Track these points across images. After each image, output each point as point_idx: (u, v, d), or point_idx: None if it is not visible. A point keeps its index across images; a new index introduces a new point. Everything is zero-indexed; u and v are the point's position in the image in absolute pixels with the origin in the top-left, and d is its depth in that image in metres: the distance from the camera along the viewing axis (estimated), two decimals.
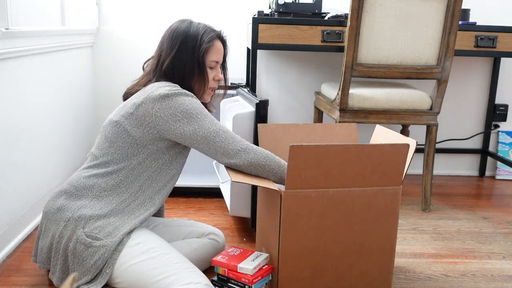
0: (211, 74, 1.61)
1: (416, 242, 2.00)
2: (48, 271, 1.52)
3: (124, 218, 1.46)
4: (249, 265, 1.43)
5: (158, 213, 1.84)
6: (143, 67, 1.67)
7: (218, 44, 1.61)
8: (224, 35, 1.65)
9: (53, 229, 1.45)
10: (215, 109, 1.76)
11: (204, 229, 1.72)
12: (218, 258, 1.48)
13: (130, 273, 1.40)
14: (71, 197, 1.47)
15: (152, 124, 1.47)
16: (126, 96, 1.62)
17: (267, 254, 1.50)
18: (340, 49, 2.29)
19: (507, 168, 2.91)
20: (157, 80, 1.57)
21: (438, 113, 2.24)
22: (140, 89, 1.57)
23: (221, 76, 1.65)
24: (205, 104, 1.70)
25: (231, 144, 1.49)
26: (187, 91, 1.51)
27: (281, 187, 1.44)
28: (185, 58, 1.56)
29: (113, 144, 1.50)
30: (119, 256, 1.40)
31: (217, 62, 1.62)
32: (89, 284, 1.39)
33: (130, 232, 1.45)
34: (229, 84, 1.77)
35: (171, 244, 1.63)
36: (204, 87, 1.60)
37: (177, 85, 1.54)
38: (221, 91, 2.15)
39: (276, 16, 2.37)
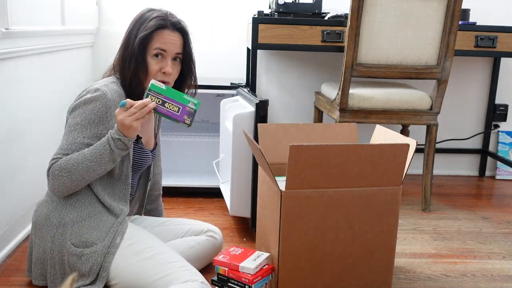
0: (155, 64, 1.47)
1: (416, 242, 2.00)
2: (42, 286, 1.51)
3: (103, 218, 1.45)
4: (251, 264, 1.43)
5: (157, 213, 1.84)
6: None
7: (167, 32, 1.47)
8: (182, 23, 1.51)
9: (43, 245, 1.45)
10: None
11: (202, 226, 1.72)
12: (219, 257, 1.48)
13: (127, 273, 1.40)
14: (50, 207, 1.46)
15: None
16: None
17: (268, 254, 1.50)
18: (340, 49, 2.29)
19: (507, 168, 2.91)
20: (113, 70, 1.54)
21: (438, 113, 2.24)
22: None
23: (169, 69, 1.48)
24: None
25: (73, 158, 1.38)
26: (98, 95, 1.41)
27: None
28: (129, 47, 1.48)
29: None
30: (113, 259, 1.40)
31: (163, 51, 1.47)
32: (89, 286, 1.39)
33: (121, 232, 1.45)
34: (197, 82, 1.62)
35: (170, 243, 1.64)
36: (146, 78, 1.48)
37: (107, 84, 1.46)
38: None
39: (276, 16, 2.37)
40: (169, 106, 1.42)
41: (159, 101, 1.40)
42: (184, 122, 1.44)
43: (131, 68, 1.48)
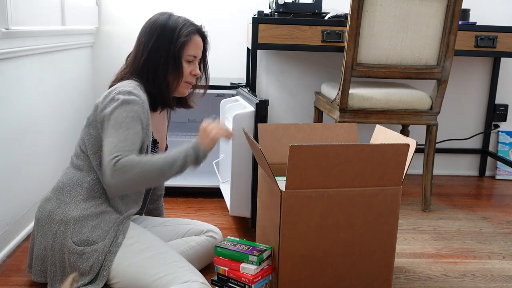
0: (187, 68, 1.58)
1: (416, 242, 2.00)
2: (42, 283, 1.51)
3: (106, 216, 1.45)
4: (251, 265, 1.43)
5: (158, 213, 1.84)
6: (126, 59, 1.64)
7: (197, 38, 1.59)
8: (205, 30, 1.63)
9: (44, 242, 1.45)
10: (196, 105, 1.74)
11: (202, 227, 1.72)
12: (220, 257, 1.48)
13: (127, 273, 1.40)
14: (54, 204, 1.46)
15: (98, 128, 1.47)
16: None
17: (269, 254, 1.49)
18: (340, 49, 2.29)
19: (507, 168, 2.91)
20: (132, 74, 1.55)
21: (438, 113, 2.24)
22: (115, 84, 1.56)
23: (198, 71, 1.61)
24: (184, 99, 1.69)
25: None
26: (135, 98, 1.44)
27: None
28: (161, 52, 1.53)
29: (82, 145, 1.51)
30: (115, 258, 1.40)
31: (195, 57, 1.59)
32: (88, 285, 1.40)
33: (123, 231, 1.45)
34: (209, 81, 1.74)
35: (170, 243, 1.64)
36: (179, 81, 1.57)
37: (135, 87, 1.48)
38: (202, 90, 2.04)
39: (276, 16, 2.37)
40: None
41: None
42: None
43: (168, 71, 1.54)
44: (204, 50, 1.65)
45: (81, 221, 1.43)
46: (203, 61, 1.67)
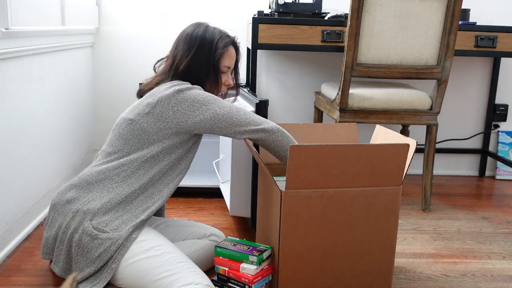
0: (222, 77, 1.66)
1: (416, 242, 2.00)
2: (51, 261, 1.52)
3: (132, 211, 1.46)
4: (251, 265, 1.43)
5: (159, 213, 1.84)
6: (154, 67, 1.71)
7: (232, 50, 1.67)
8: (238, 41, 1.70)
9: (60, 220, 1.45)
10: None
11: (205, 230, 1.72)
12: (220, 257, 1.48)
13: (133, 269, 1.40)
14: (81, 190, 1.48)
15: (170, 119, 1.49)
16: (140, 94, 1.67)
17: (269, 254, 1.50)
18: (340, 49, 2.29)
19: (507, 168, 2.91)
20: (171, 80, 1.60)
21: (438, 113, 2.24)
22: (153, 87, 1.60)
23: (231, 81, 1.70)
24: None
25: (253, 115, 1.53)
26: (198, 86, 1.56)
27: None
28: (201, 62, 1.60)
29: (128, 141, 1.52)
30: (127, 252, 1.40)
31: (228, 68, 1.67)
32: (93, 282, 1.39)
33: (140, 229, 1.45)
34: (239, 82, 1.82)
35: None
36: (214, 91, 1.64)
37: (188, 82, 1.57)
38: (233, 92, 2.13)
39: (276, 16, 2.37)
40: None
41: None
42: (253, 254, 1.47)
43: (208, 81, 1.62)
44: (237, 61, 1.72)
45: (106, 208, 1.44)
46: (234, 71, 1.74)
